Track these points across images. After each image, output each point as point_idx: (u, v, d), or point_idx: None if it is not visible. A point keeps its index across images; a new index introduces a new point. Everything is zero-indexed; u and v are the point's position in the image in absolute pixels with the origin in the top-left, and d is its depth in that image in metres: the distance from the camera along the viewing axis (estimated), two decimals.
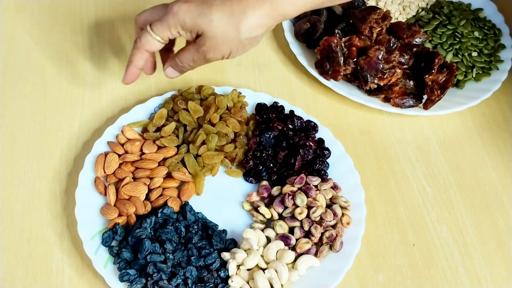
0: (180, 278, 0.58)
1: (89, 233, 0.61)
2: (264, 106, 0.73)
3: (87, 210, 0.63)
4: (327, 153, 0.69)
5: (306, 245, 0.62)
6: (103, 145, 0.67)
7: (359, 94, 0.76)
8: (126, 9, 0.85)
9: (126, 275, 0.57)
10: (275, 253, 0.61)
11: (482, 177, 0.72)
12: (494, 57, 0.81)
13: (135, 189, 0.64)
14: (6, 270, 0.61)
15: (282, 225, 0.63)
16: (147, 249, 0.58)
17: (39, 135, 0.71)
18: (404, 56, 0.74)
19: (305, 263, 0.61)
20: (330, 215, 0.63)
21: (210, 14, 0.59)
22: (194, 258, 0.59)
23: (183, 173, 0.66)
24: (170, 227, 0.61)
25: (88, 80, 0.77)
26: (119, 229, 0.61)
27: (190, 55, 0.63)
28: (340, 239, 0.62)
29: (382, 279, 0.63)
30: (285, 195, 0.64)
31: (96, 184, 0.64)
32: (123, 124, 0.69)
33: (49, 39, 0.81)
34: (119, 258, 0.59)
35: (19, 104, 0.74)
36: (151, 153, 0.67)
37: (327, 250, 0.62)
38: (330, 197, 0.66)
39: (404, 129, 0.76)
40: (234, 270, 0.60)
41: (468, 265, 0.65)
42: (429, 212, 0.69)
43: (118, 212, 0.62)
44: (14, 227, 0.64)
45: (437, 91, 0.74)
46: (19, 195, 0.66)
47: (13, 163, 0.68)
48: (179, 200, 0.64)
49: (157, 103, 0.72)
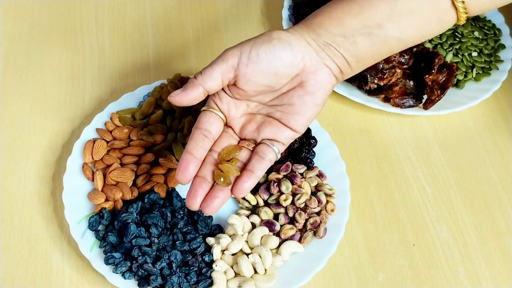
0: (165, 262, 0.58)
1: (76, 218, 0.62)
2: None
3: (75, 195, 0.63)
4: (313, 142, 0.69)
5: (290, 231, 0.63)
6: (92, 132, 0.68)
7: (359, 94, 0.76)
8: (126, 9, 0.85)
9: (111, 258, 0.58)
10: (259, 239, 0.62)
11: (482, 177, 0.72)
12: (494, 57, 0.81)
13: (122, 175, 0.64)
14: (6, 270, 0.61)
15: (267, 211, 0.64)
16: (133, 233, 0.59)
17: (39, 135, 0.71)
18: (404, 56, 0.74)
19: (289, 248, 0.62)
20: (314, 202, 0.64)
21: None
22: (179, 242, 0.60)
23: (170, 160, 0.66)
24: (156, 212, 0.61)
25: (88, 80, 0.77)
26: (105, 214, 0.62)
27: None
28: (324, 225, 0.63)
29: (382, 279, 0.63)
30: (270, 182, 0.65)
31: (84, 170, 0.65)
32: (111, 112, 0.70)
33: (49, 39, 0.81)
34: (105, 242, 0.60)
35: (19, 104, 0.74)
36: (139, 140, 0.68)
37: (311, 236, 0.63)
38: (315, 184, 0.67)
39: (404, 129, 0.76)
40: (218, 254, 0.60)
41: (468, 265, 0.65)
42: (429, 212, 0.69)
43: (105, 197, 0.63)
44: (14, 227, 0.64)
45: (437, 91, 0.74)
46: (19, 195, 0.66)
47: (13, 163, 0.68)
48: (165, 186, 0.65)
49: (146, 91, 0.72)
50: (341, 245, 0.65)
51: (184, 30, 0.84)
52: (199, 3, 0.87)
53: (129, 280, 0.58)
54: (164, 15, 0.85)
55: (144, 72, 0.78)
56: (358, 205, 0.69)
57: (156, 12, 0.85)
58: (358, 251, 0.65)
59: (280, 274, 0.60)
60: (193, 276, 0.59)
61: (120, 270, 0.58)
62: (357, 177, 0.71)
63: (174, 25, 0.84)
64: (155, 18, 0.85)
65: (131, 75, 0.78)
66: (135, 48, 0.81)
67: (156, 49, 0.81)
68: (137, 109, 0.71)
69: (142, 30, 0.83)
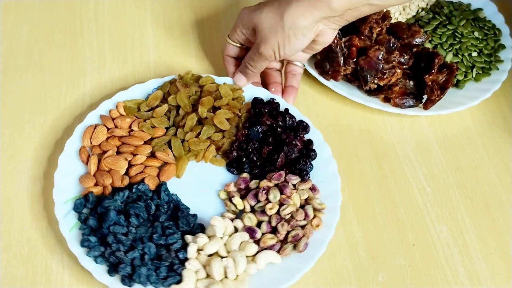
0: (138, 252, 0.59)
1: (63, 198, 0.62)
2: (260, 100, 0.72)
3: (67, 176, 0.64)
4: (312, 155, 0.68)
5: (270, 240, 0.62)
6: (96, 118, 0.69)
7: (359, 94, 0.76)
8: (126, 9, 0.85)
9: (86, 241, 0.59)
10: (238, 244, 0.61)
11: (482, 177, 0.73)
12: (494, 57, 0.81)
13: (116, 163, 0.65)
14: (6, 270, 0.61)
15: (251, 217, 0.64)
16: (111, 219, 0.60)
17: (39, 135, 0.71)
18: (404, 56, 0.74)
19: (265, 258, 0.61)
20: (301, 215, 0.63)
21: (262, 9, 0.66)
22: (156, 235, 0.60)
23: (166, 154, 0.67)
24: (141, 203, 0.62)
25: (88, 81, 0.77)
26: (91, 198, 0.62)
27: (249, 53, 0.70)
28: (306, 240, 0.62)
29: (382, 279, 0.63)
30: (260, 189, 0.65)
31: (81, 153, 0.66)
32: (118, 100, 0.70)
33: (49, 39, 0.81)
34: (85, 225, 0.61)
35: (19, 104, 0.74)
36: (139, 131, 0.68)
37: (290, 249, 0.62)
38: (306, 197, 0.65)
39: (404, 129, 0.76)
40: (193, 253, 0.60)
41: (468, 265, 0.65)
42: (429, 212, 0.69)
43: (95, 181, 0.64)
44: (14, 227, 0.64)
45: (437, 91, 0.74)
46: (19, 195, 0.66)
47: (13, 163, 0.68)
48: (157, 180, 0.65)
49: (156, 85, 0.73)
50: (341, 245, 0.65)
51: (184, 30, 0.84)
52: (199, 3, 0.87)
53: (100, 265, 0.59)
54: (164, 15, 0.85)
55: (144, 72, 0.78)
56: (358, 205, 0.69)
57: (156, 12, 0.85)
58: (358, 251, 0.65)
59: (253, 283, 0.59)
60: (163, 271, 0.59)
61: (93, 254, 0.59)
62: (357, 177, 0.71)
63: (174, 25, 0.84)
64: (155, 18, 0.85)
65: (131, 75, 0.78)
66: (135, 48, 0.81)
67: (156, 49, 0.81)
68: (144, 100, 0.71)
69: (142, 30, 0.83)
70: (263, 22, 0.66)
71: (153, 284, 0.58)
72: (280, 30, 0.65)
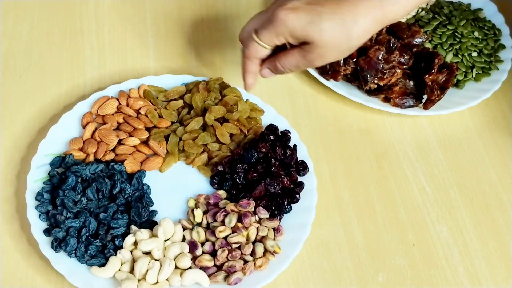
0: (78, 223, 0.60)
1: (47, 151, 0.65)
2: (273, 129, 0.70)
3: (61, 132, 0.67)
4: (296, 197, 0.65)
5: (207, 262, 0.60)
6: (114, 91, 0.72)
7: (359, 94, 0.76)
8: (126, 8, 0.85)
9: (39, 196, 0.61)
10: (175, 253, 0.60)
11: (482, 177, 0.73)
12: (494, 57, 0.81)
13: (107, 136, 0.67)
14: (6, 270, 0.61)
15: (199, 232, 0.62)
16: (69, 184, 0.61)
17: (39, 135, 0.71)
18: (404, 56, 0.74)
19: (193, 276, 0.59)
20: (248, 249, 0.61)
21: (320, 23, 0.58)
22: (103, 215, 0.61)
23: (159, 146, 0.67)
24: (108, 181, 0.63)
25: (88, 81, 0.77)
26: (69, 159, 0.64)
27: (295, 61, 0.62)
28: (238, 275, 0.59)
29: (382, 279, 0.63)
30: (220, 210, 0.63)
31: (84, 116, 0.69)
32: (144, 83, 0.73)
33: (49, 39, 0.81)
34: (49, 182, 0.62)
35: (19, 104, 0.74)
36: (144, 116, 0.70)
37: (221, 278, 0.59)
38: (264, 235, 0.62)
39: (404, 129, 0.76)
40: (128, 244, 0.60)
41: (468, 265, 0.65)
42: (429, 212, 0.69)
43: (81, 146, 0.66)
44: (14, 227, 0.64)
45: (437, 91, 0.74)
46: (19, 195, 0.66)
47: (13, 163, 0.68)
48: (138, 166, 0.67)
49: (187, 80, 0.74)
50: (341, 245, 0.65)
51: (184, 30, 0.84)
52: (199, 3, 0.87)
53: (42, 222, 0.60)
54: (164, 15, 0.85)
55: (144, 72, 0.78)
56: (358, 205, 0.69)
57: (156, 12, 0.85)
58: (358, 251, 0.65)
59: None
60: (93, 249, 0.59)
61: (40, 210, 0.61)
62: (357, 177, 0.71)
63: (174, 25, 0.84)
64: (155, 18, 0.85)
65: (131, 75, 0.78)
66: (135, 48, 0.81)
67: (156, 49, 0.81)
68: (165, 90, 0.73)
69: (142, 30, 0.83)
70: (325, 41, 0.58)
71: (78, 258, 0.59)
72: (345, 47, 0.60)
